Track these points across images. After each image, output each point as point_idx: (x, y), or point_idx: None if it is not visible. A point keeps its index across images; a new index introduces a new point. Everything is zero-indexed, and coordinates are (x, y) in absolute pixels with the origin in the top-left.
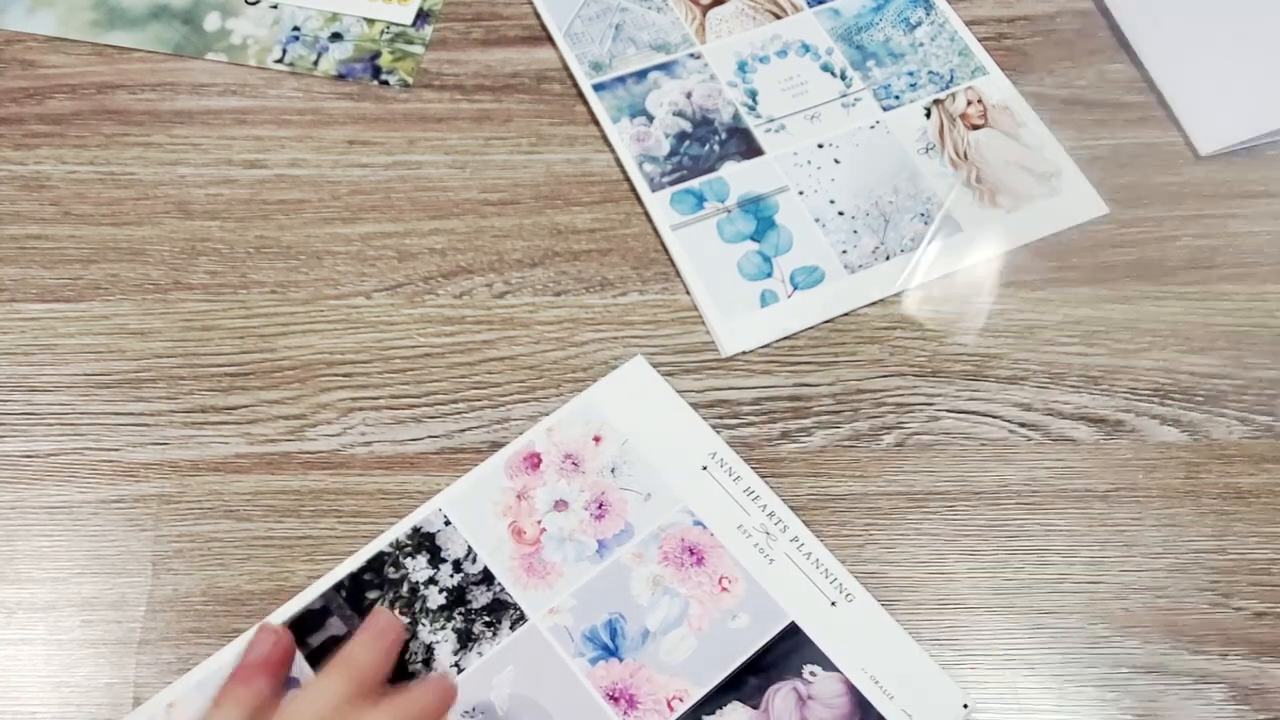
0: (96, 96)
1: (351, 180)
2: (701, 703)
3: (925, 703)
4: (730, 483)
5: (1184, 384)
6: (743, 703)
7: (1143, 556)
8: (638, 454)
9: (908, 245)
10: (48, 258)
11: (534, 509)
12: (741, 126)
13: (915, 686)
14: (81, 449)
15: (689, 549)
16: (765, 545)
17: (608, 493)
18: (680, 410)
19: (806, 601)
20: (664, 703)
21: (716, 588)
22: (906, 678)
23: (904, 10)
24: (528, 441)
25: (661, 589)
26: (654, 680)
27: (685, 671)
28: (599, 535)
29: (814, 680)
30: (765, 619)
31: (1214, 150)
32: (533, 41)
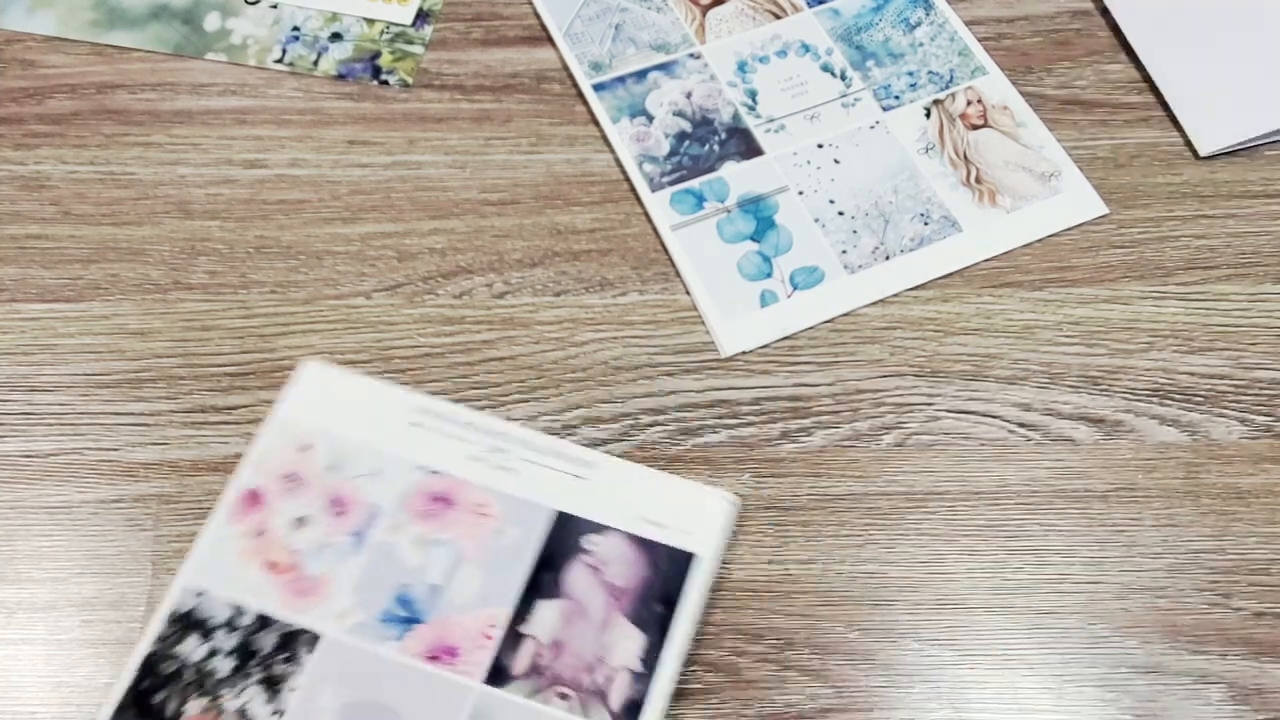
0: (96, 96)
1: (351, 180)
2: (513, 620)
3: (696, 516)
4: (445, 426)
5: (1183, 384)
6: (546, 598)
7: (1142, 556)
8: (349, 442)
9: (907, 245)
10: (48, 258)
11: (277, 538)
12: (741, 126)
13: (680, 508)
14: (81, 449)
15: (435, 498)
16: (501, 461)
17: (338, 489)
18: (370, 387)
19: (556, 487)
20: (480, 637)
21: (476, 517)
22: (669, 505)
23: (904, 10)
24: (240, 484)
25: (429, 544)
26: (462, 624)
27: (485, 601)
28: (349, 529)
29: (595, 547)
30: (529, 520)
31: (1213, 150)
32: (532, 41)
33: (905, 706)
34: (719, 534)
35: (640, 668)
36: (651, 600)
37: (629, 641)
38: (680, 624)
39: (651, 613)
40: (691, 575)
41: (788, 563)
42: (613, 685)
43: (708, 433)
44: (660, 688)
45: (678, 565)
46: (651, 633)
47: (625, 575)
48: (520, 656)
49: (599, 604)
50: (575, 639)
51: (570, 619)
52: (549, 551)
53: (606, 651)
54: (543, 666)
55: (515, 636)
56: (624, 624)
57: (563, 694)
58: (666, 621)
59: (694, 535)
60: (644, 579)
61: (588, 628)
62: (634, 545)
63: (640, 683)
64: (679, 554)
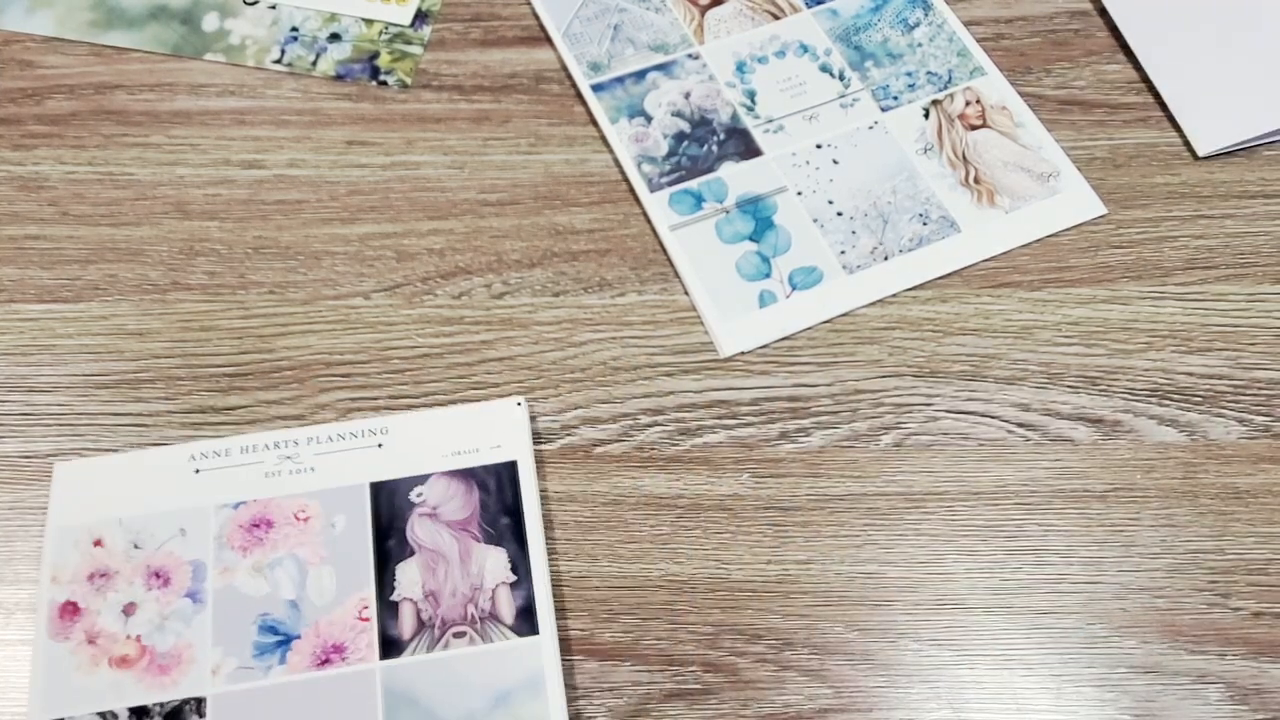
0: (95, 97)
1: (350, 181)
2: (380, 594)
3: (499, 430)
4: (226, 459)
5: (1182, 384)
6: (401, 561)
7: (1141, 556)
8: (140, 517)
9: (906, 245)
10: (46, 258)
11: (113, 634)
12: (740, 127)
13: (481, 429)
14: (81, 449)
15: (252, 526)
16: (296, 465)
17: (151, 563)
18: (133, 460)
19: (360, 463)
20: (357, 623)
21: (299, 524)
22: (470, 431)
23: (902, 11)
24: (49, 603)
25: (267, 568)
26: (335, 620)
27: (346, 591)
28: (181, 591)
29: (422, 497)
30: (350, 503)
31: (1212, 151)
32: (531, 42)
33: (904, 706)
34: (524, 435)
35: (514, 577)
36: (495, 517)
37: (492, 560)
38: (530, 525)
39: (501, 527)
40: (520, 479)
41: (787, 563)
42: (498, 603)
43: (707, 433)
44: (541, 586)
45: (502, 478)
46: (509, 544)
47: (461, 508)
48: (403, 621)
49: (450, 543)
50: (445, 582)
51: (431, 567)
52: (383, 520)
53: (478, 578)
54: (428, 619)
55: (390, 607)
56: (481, 548)
57: (458, 633)
58: (518, 528)
59: (504, 446)
60: (479, 503)
61: (451, 567)
62: (456, 479)
63: (521, 589)
64: (498, 467)
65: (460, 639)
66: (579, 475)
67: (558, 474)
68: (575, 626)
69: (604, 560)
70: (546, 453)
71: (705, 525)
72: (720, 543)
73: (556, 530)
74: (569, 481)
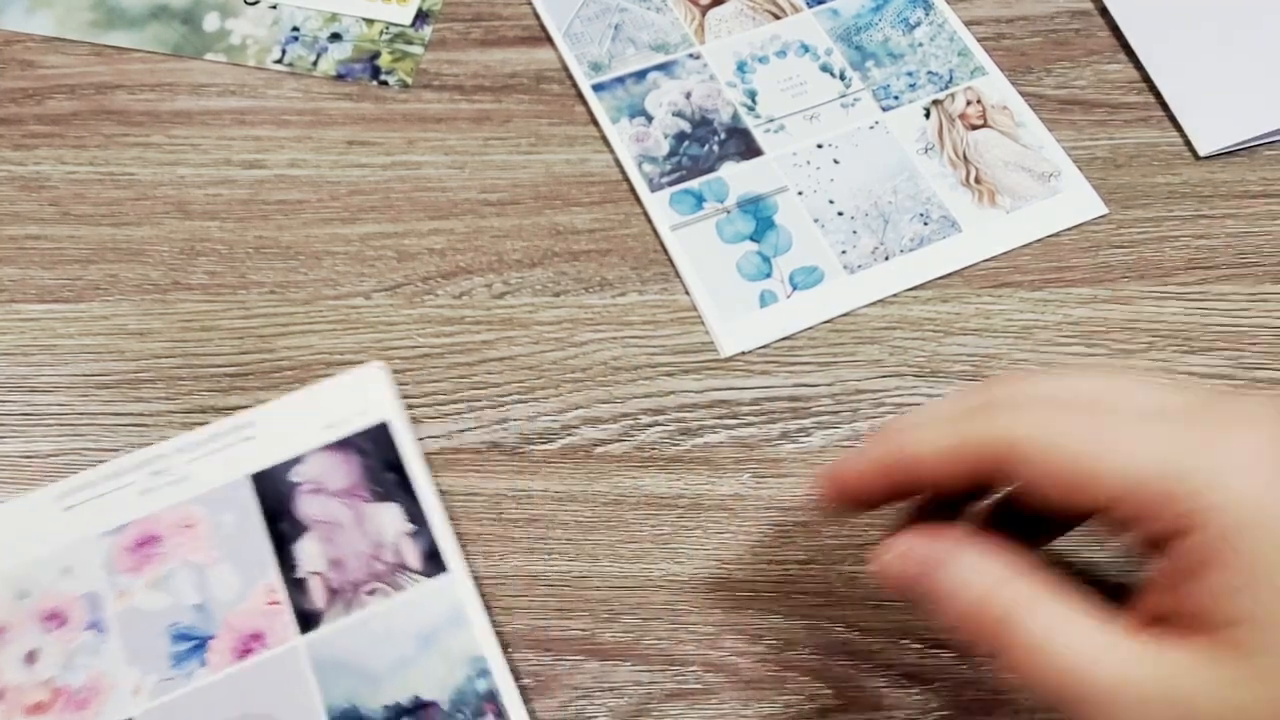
0: (95, 97)
1: (351, 180)
2: (285, 575)
3: (365, 394)
4: (95, 489)
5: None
6: (297, 540)
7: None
8: (18, 565)
9: (907, 245)
10: (47, 258)
11: (20, 685)
12: (741, 127)
13: (347, 398)
14: (81, 449)
15: (138, 546)
16: (169, 478)
17: (43, 607)
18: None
19: (234, 459)
20: (268, 607)
21: (187, 532)
22: (337, 403)
23: (903, 10)
24: None
25: (164, 581)
26: (246, 611)
27: (250, 582)
28: (82, 625)
29: (304, 476)
30: (234, 500)
31: (1213, 150)
32: (532, 42)
33: (905, 706)
34: (389, 395)
35: (412, 526)
36: (380, 476)
37: (387, 516)
38: (416, 475)
39: (388, 484)
40: (395, 437)
41: (788, 563)
42: (403, 553)
43: (707, 433)
44: (439, 527)
45: (379, 439)
46: (400, 498)
47: (344, 476)
48: (314, 594)
49: (341, 511)
50: (346, 547)
51: (329, 538)
52: (271, 508)
53: (377, 536)
54: (338, 586)
55: (297, 584)
56: (373, 507)
57: (370, 590)
58: (404, 482)
59: (372, 410)
60: (361, 467)
61: (348, 533)
62: (332, 451)
63: (421, 536)
64: (372, 431)
65: (374, 595)
66: (579, 475)
67: (558, 474)
68: (576, 626)
69: (605, 560)
70: (547, 453)
71: (706, 525)
72: (721, 542)
73: (557, 530)
74: (569, 481)
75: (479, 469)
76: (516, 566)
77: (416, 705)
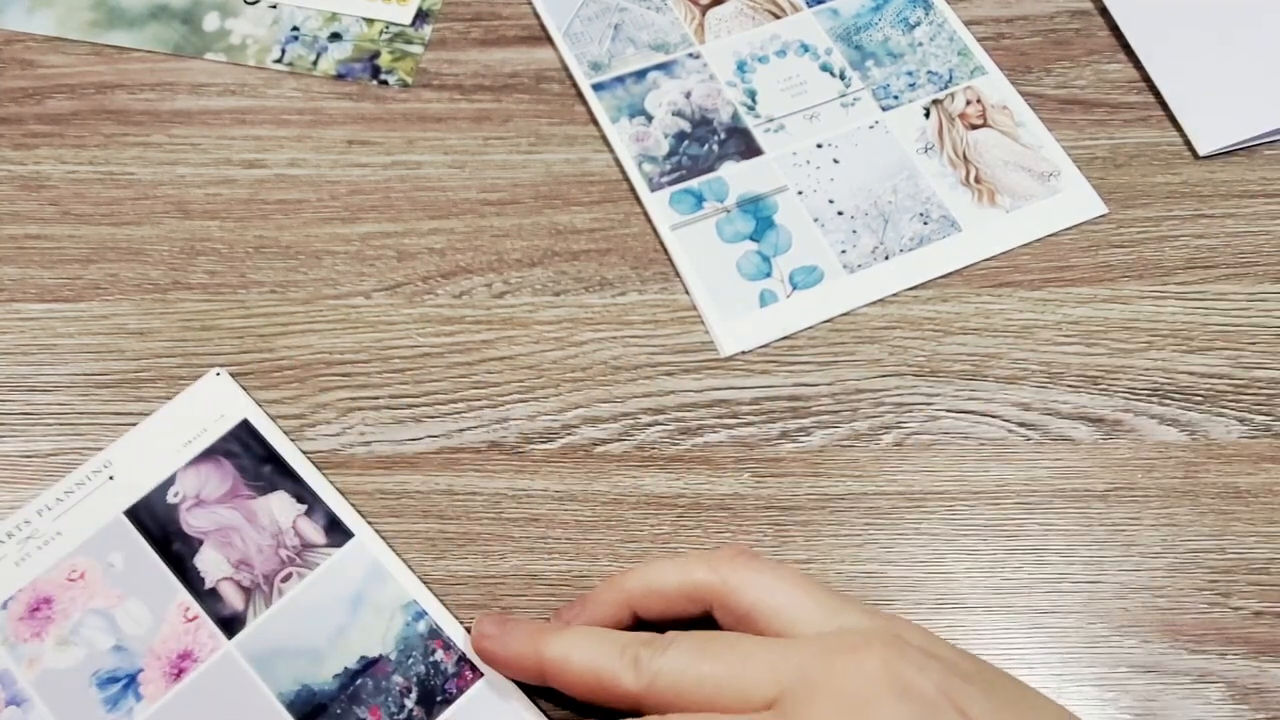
0: (95, 96)
1: (351, 180)
2: (195, 591)
3: (216, 400)
4: None
5: (1182, 384)
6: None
7: (1141, 556)
8: None
9: (907, 245)
10: (47, 258)
11: None
12: (741, 126)
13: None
14: (81, 449)
15: (33, 610)
16: (40, 540)
17: None
18: None
19: (104, 504)
20: (188, 624)
21: (78, 584)
22: (192, 417)
23: (903, 10)
24: None
25: (71, 637)
26: (169, 637)
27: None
28: (1, 704)
29: (180, 495)
30: (117, 539)
31: (1213, 150)
32: (532, 41)
33: None
34: (237, 394)
35: (304, 506)
36: (257, 470)
37: (277, 503)
38: (291, 458)
39: (266, 475)
40: (259, 430)
41: (787, 562)
42: (304, 534)
43: (707, 433)
44: (332, 499)
45: (244, 437)
46: (283, 484)
47: (220, 482)
48: (229, 598)
49: (230, 515)
50: (247, 545)
51: (227, 542)
52: (157, 535)
53: (274, 525)
54: (251, 584)
55: (210, 595)
56: (261, 501)
57: (285, 577)
58: (284, 467)
59: (227, 415)
60: (235, 469)
61: (244, 532)
62: (201, 464)
63: (317, 511)
64: (234, 431)
65: (289, 580)
66: (579, 475)
67: (558, 473)
68: None
69: (604, 560)
70: (547, 452)
71: (706, 525)
72: (721, 542)
73: (557, 529)
74: (569, 481)
75: (479, 469)
76: (516, 566)
77: (366, 664)
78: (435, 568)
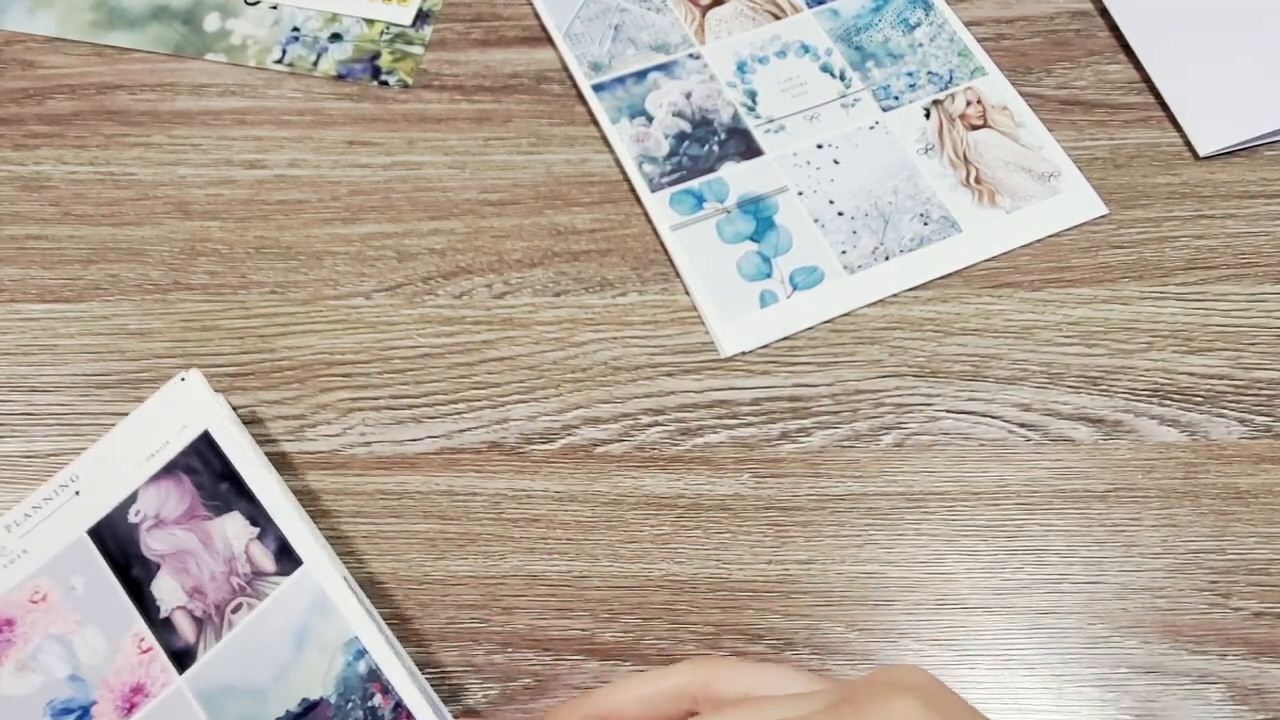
0: (96, 97)
1: (351, 181)
2: (150, 620)
3: (181, 408)
4: None
5: (1183, 384)
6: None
7: (1141, 556)
8: None
9: (907, 245)
10: (47, 258)
11: None
12: (741, 127)
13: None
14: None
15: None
16: (6, 558)
17: None
18: None
19: (68, 521)
20: (142, 656)
21: (40, 606)
22: (156, 427)
23: (903, 11)
24: None
25: (30, 663)
26: (121, 669)
27: (117, 638)
28: None
29: (140, 515)
30: (78, 560)
31: (1213, 151)
32: (532, 42)
33: None
34: (204, 401)
35: (256, 529)
36: (214, 489)
37: (231, 526)
38: (248, 475)
39: (223, 494)
40: (219, 443)
41: (787, 563)
42: (255, 560)
43: (708, 433)
44: (285, 521)
45: (203, 451)
46: (239, 504)
47: (179, 501)
48: (182, 630)
49: (186, 537)
50: (201, 573)
51: (183, 569)
52: (118, 557)
53: (227, 550)
54: (203, 614)
55: (164, 625)
56: (216, 523)
57: (235, 608)
58: (239, 486)
59: (189, 425)
60: (194, 486)
61: (199, 557)
62: (162, 480)
63: (269, 535)
64: (194, 445)
65: (239, 611)
66: (579, 475)
67: (558, 474)
68: (576, 626)
69: (604, 560)
70: (547, 453)
71: (706, 525)
72: (721, 543)
73: (557, 530)
74: (569, 481)
75: (479, 469)
76: (516, 566)
77: (306, 708)
78: (435, 568)
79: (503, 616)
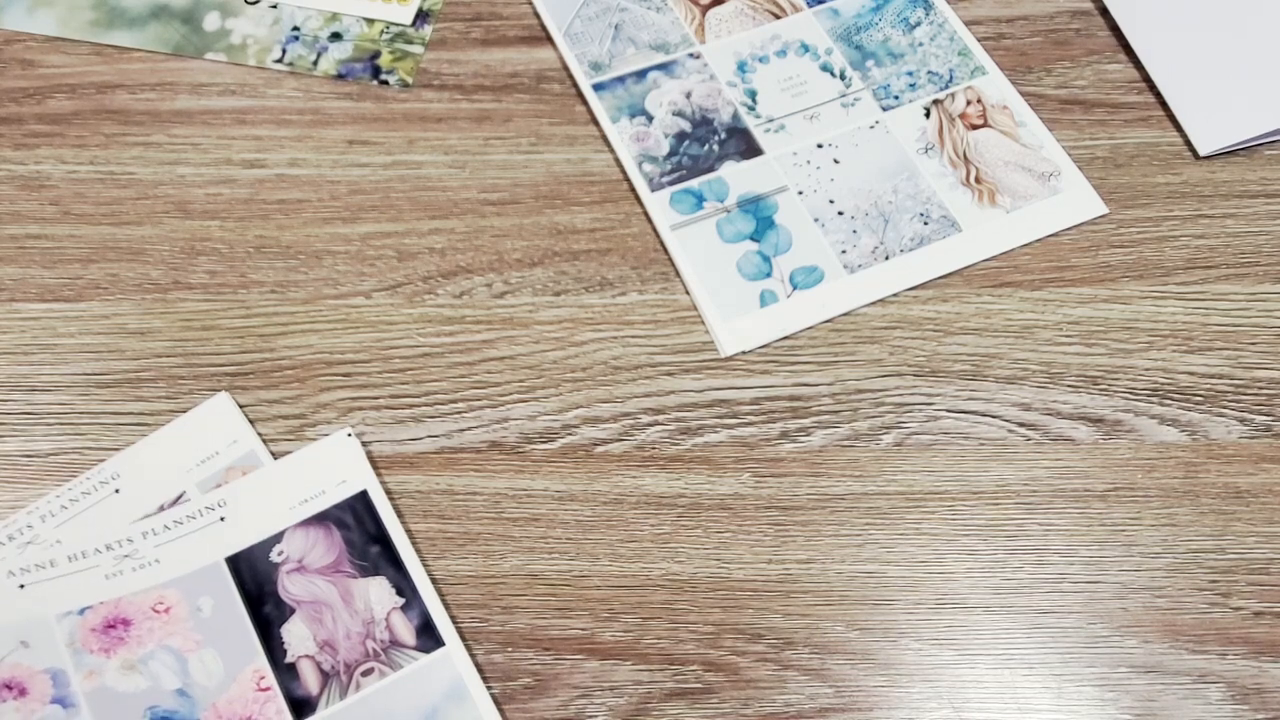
0: (96, 96)
1: (351, 180)
2: (273, 659)
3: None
4: (53, 569)
5: (1183, 384)
6: (284, 622)
7: (1141, 556)
8: None
9: (907, 245)
10: (48, 257)
11: None
12: (741, 126)
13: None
14: (81, 449)
15: (107, 628)
16: (139, 560)
17: None
18: None
19: (207, 544)
20: (259, 693)
21: (162, 616)
22: (311, 475)
23: (903, 10)
24: None
25: (139, 664)
26: (234, 698)
27: (237, 668)
28: (46, 699)
29: (283, 555)
30: (210, 583)
31: (1213, 150)
32: (532, 41)
33: (905, 706)
34: (363, 462)
35: (401, 600)
36: (364, 549)
37: (375, 590)
38: (400, 544)
39: (373, 557)
40: (375, 506)
41: (788, 562)
42: (395, 629)
43: (708, 432)
44: (431, 599)
45: (358, 510)
46: (386, 570)
47: (326, 552)
48: (306, 679)
49: (327, 589)
50: (336, 627)
51: (317, 619)
52: (251, 590)
53: (367, 613)
54: (331, 669)
55: (288, 669)
56: (360, 583)
57: (365, 671)
58: (389, 552)
59: (349, 480)
60: (343, 541)
61: (337, 612)
62: (312, 527)
63: (413, 608)
64: (350, 501)
65: (369, 676)
66: (579, 475)
67: (558, 473)
68: (576, 626)
69: (604, 559)
70: (547, 452)
71: (706, 525)
72: (721, 542)
73: (557, 529)
74: (569, 481)
75: (479, 469)
76: (516, 566)
77: None
78: (435, 567)
79: (503, 616)
